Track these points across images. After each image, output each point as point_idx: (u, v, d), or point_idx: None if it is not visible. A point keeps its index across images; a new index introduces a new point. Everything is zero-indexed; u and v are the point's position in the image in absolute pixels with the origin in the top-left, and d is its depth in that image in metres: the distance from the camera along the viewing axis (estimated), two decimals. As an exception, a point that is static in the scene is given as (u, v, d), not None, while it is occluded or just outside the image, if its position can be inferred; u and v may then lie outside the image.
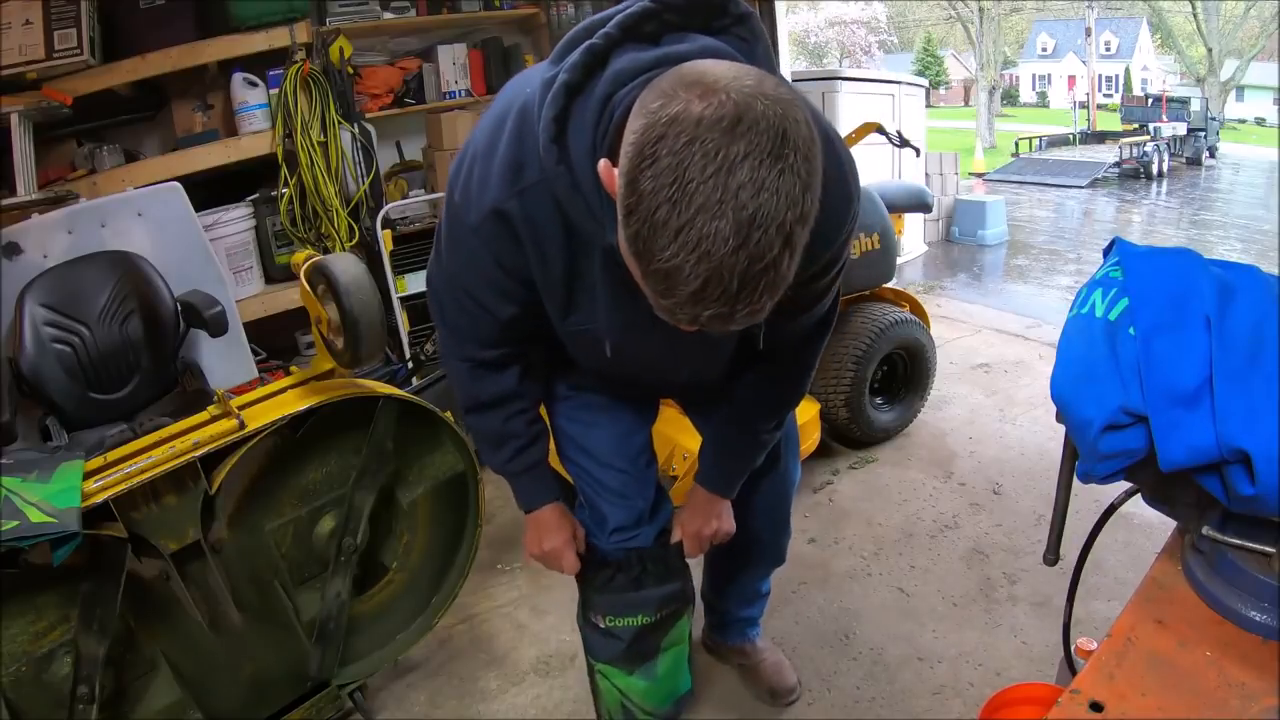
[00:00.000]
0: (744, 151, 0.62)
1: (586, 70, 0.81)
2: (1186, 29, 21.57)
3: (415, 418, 1.65)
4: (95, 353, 2.15)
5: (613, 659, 1.35)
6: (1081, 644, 0.96)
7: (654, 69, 0.77)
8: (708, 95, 0.64)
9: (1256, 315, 0.69)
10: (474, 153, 0.97)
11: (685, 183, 0.62)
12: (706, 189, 0.62)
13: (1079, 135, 17.65)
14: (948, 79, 30.20)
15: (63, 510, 1.20)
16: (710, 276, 0.64)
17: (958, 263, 6.29)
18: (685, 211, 0.62)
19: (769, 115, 0.63)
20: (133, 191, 2.66)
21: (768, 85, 0.66)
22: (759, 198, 0.62)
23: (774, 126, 0.63)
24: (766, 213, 0.62)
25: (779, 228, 0.63)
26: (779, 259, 0.65)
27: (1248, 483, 0.65)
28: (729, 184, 0.61)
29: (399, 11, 3.43)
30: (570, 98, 0.81)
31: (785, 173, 0.63)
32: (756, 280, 0.65)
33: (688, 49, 0.79)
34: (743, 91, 0.64)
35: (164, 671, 1.48)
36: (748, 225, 0.62)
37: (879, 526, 2.35)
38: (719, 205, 0.62)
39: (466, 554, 1.82)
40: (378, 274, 3.12)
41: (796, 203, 0.64)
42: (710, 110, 0.63)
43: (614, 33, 0.81)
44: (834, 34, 26.13)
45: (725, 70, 0.67)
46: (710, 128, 0.62)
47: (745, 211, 0.62)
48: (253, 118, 3.22)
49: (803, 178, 0.64)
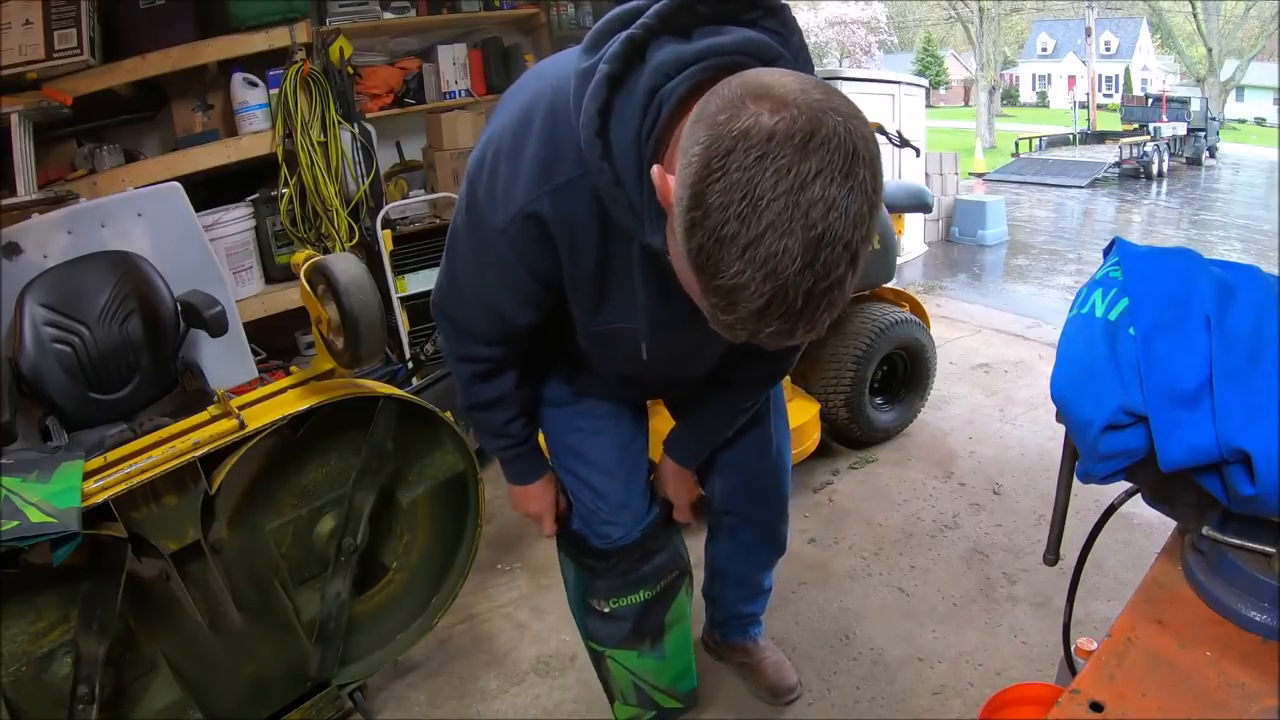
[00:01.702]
0: (816, 169, 0.61)
1: (626, 61, 0.79)
2: (1186, 29, 21.57)
3: (415, 418, 1.65)
4: (95, 353, 2.15)
5: (621, 641, 1.36)
6: (1081, 644, 0.96)
7: (698, 62, 0.77)
8: (779, 109, 0.62)
9: (1256, 315, 0.69)
10: (497, 149, 0.93)
11: (756, 199, 0.61)
12: (777, 206, 0.61)
13: (1079, 135, 17.64)
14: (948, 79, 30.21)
15: (63, 510, 1.20)
16: (775, 294, 0.63)
17: (958, 263, 6.29)
18: (754, 228, 0.61)
19: (840, 132, 0.62)
20: (133, 191, 2.66)
21: (836, 99, 0.65)
22: (829, 216, 0.61)
23: (845, 143, 0.62)
24: (835, 231, 0.62)
25: (845, 246, 0.62)
26: (844, 276, 0.64)
27: (1248, 483, 0.65)
28: (800, 201, 0.60)
29: (399, 11, 3.43)
30: (613, 90, 0.79)
31: (854, 190, 0.62)
32: (820, 299, 0.64)
33: (729, 41, 0.78)
34: (813, 106, 0.63)
35: (164, 671, 1.48)
36: (816, 244, 0.61)
37: (879, 526, 2.35)
38: (789, 223, 0.61)
39: (466, 554, 1.82)
40: (378, 274, 3.12)
41: (864, 220, 0.63)
42: (783, 125, 0.61)
43: (652, 23, 0.80)
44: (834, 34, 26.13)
45: (792, 82, 0.66)
46: (783, 143, 0.61)
47: (814, 230, 0.61)
48: (253, 118, 3.22)
49: (869, 195, 0.63)
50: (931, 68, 28.18)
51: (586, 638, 1.43)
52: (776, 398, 1.46)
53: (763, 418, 1.43)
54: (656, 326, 1.01)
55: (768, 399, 1.43)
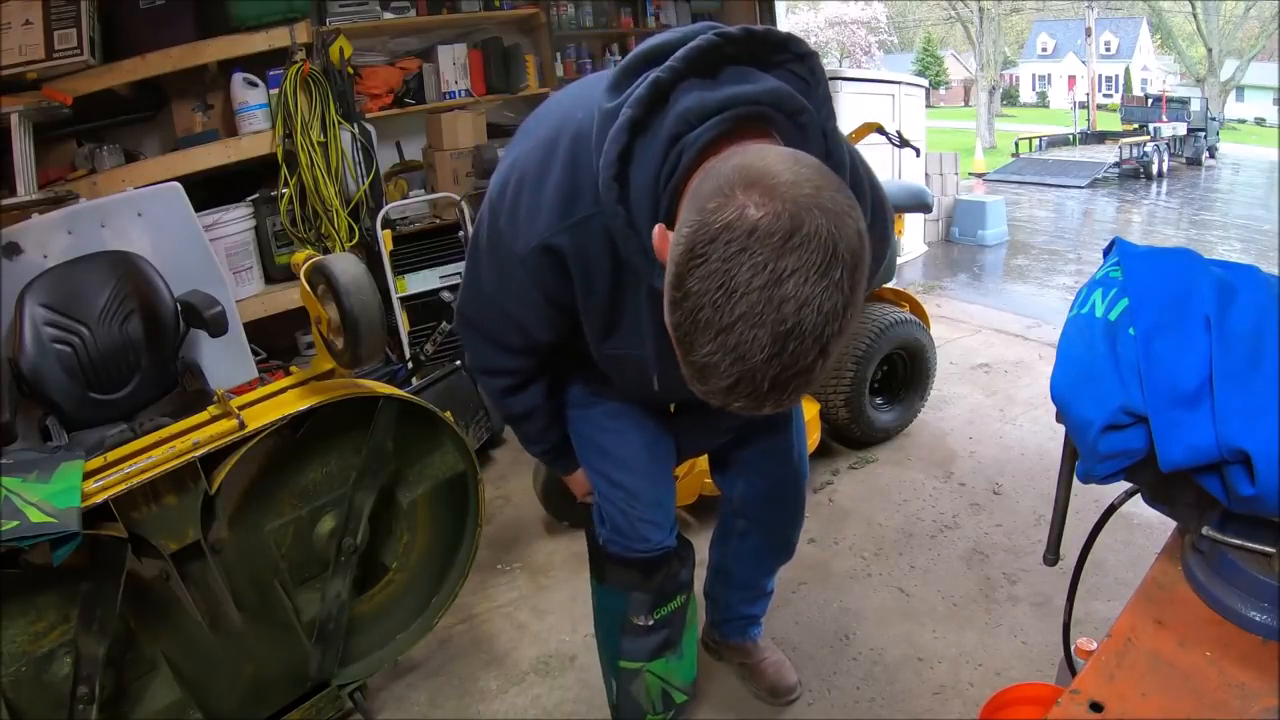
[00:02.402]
0: (793, 267, 0.62)
1: (650, 105, 0.81)
2: (1186, 29, 21.57)
3: (415, 418, 1.65)
4: (95, 353, 2.15)
5: (659, 650, 1.38)
6: (1081, 644, 0.96)
7: (721, 111, 0.78)
8: (766, 202, 0.64)
9: (1256, 315, 0.69)
10: (520, 178, 0.96)
11: (731, 290, 0.63)
12: (751, 299, 0.62)
13: (1079, 135, 17.64)
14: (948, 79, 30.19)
15: (63, 510, 1.20)
16: (743, 377, 0.65)
17: (958, 263, 6.29)
18: (728, 317, 0.63)
19: (822, 230, 0.63)
20: (133, 191, 2.66)
21: (825, 194, 0.65)
22: (800, 312, 0.62)
23: (825, 243, 0.63)
24: (805, 327, 0.63)
25: (815, 339, 0.64)
26: (812, 365, 0.65)
27: (1248, 483, 0.65)
28: (774, 296, 0.62)
29: (399, 11, 3.43)
30: (634, 134, 0.81)
31: (830, 288, 0.63)
32: (787, 384, 0.66)
33: (754, 91, 0.79)
34: (799, 202, 0.64)
35: (164, 671, 1.48)
36: (785, 337, 0.63)
37: (879, 526, 2.35)
38: (760, 316, 0.63)
39: (466, 554, 1.82)
40: (378, 274, 3.12)
41: (837, 317, 0.64)
42: (766, 220, 0.63)
43: (680, 66, 0.81)
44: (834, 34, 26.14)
45: (786, 170, 0.67)
46: (763, 239, 0.62)
47: (785, 325, 0.63)
48: (253, 118, 3.22)
49: (846, 292, 0.64)
50: (931, 68, 28.17)
51: (620, 660, 1.41)
52: (796, 410, 1.47)
53: (786, 426, 1.44)
54: (664, 359, 1.02)
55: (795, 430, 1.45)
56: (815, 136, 0.83)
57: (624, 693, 1.43)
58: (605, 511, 1.33)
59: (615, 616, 1.39)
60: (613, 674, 1.44)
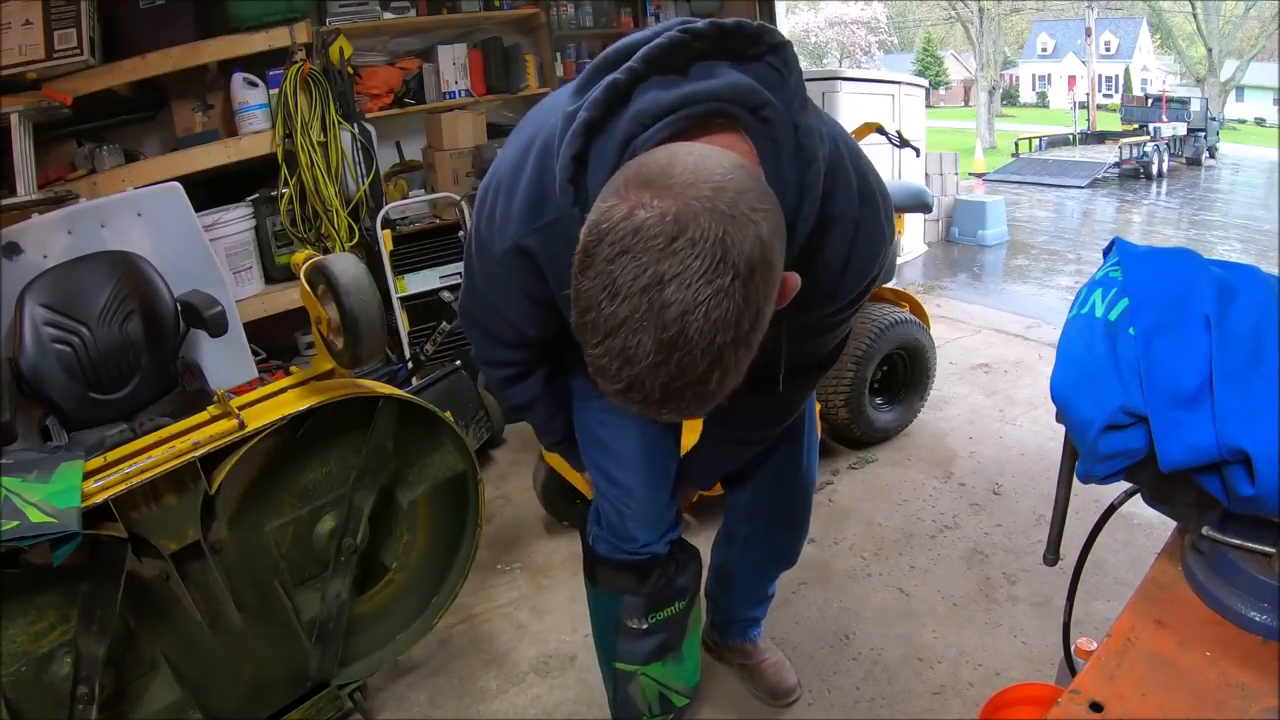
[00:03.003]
0: (674, 272, 0.60)
1: (607, 107, 0.79)
2: (1186, 29, 21.57)
3: (415, 418, 1.65)
4: (95, 353, 2.15)
5: (653, 655, 1.37)
6: (1081, 644, 0.96)
7: (676, 110, 0.76)
8: (654, 203, 0.62)
9: (1256, 315, 0.69)
10: (498, 184, 0.98)
11: (615, 292, 0.61)
12: (633, 303, 0.61)
13: (1079, 135, 17.64)
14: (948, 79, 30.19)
15: (63, 510, 1.20)
16: (633, 383, 0.64)
17: (958, 263, 6.29)
18: (612, 320, 0.62)
19: (710, 235, 0.61)
20: (133, 191, 2.66)
21: (725, 196, 0.63)
22: (683, 320, 0.60)
23: (713, 248, 0.60)
24: (690, 336, 0.61)
25: (705, 351, 0.61)
26: (706, 376, 0.63)
27: (1248, 483, 0.65)
28: (654, 301, 0.60)
29: (399, 11, 3.43)
30: (590, 136, 0.80)
31: (719, 296, 0.61)
32: (680, 394, 0.64)
33: (711, 87, 0.78)
34: (690, 204, 0.61)
35: (164, 671, 1.48)
36: (669, 346, 0.61)
37: (879, 526, 2.35)
38: (642, 320, 0.61)
39: (466, 554, 1.82)
40: (378, 274, 3.12)
41: (729, 327, 0.62)
42: (651, 221, 0.61)
43: (638, 67, 0.79)
44: (834, 34, 26.15)
45: (688, 170, 0.64)
46: (645, 241, 0.61)
47: (667, 333, 0.61)
48: (253, 118, 3.22)
49: (738, 301, 0.61)
50: (931, 68, 28.16)
51: (616, 661, 1.41)
52: (809, 417, 1.47)
53: (798, 436, 1.44)
54: None
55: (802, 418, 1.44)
56: (783, 130, 0.80)
57: (621, 693, 1.43)
58: (601, 509, 1.34)
59: (609, 618, 1.39)
60: (609, 675, 1.44)
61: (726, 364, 0.64)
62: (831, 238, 0.92)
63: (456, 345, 2.94)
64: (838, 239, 0.93)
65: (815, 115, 0.85)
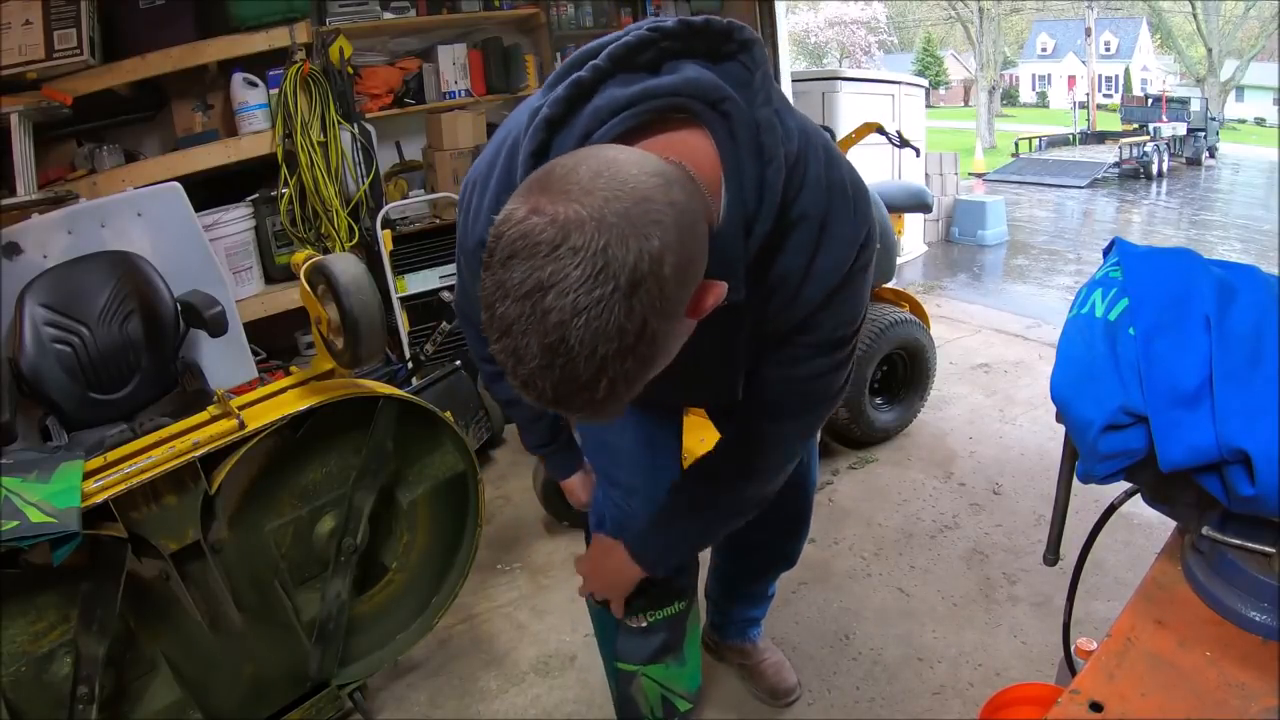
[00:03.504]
0: (553, 280, 0.60)
1: (570, 104, 0.80)
2: (1186, 29, 21.57)
3: (415, 418, 1.65)
4: (95, 353, 2.15)
5: (655, 655, 1.36)
6: (1081, 644, 0.96)
7: (632, 106, 0.77)
8: (545, 208, 0.62)
9: (1256, 315, 0.69)
10: (473, 181, 0.99)
11: (505, 295, 0.62)
12: (519, 307, 0.61)
13: (1079, 135, 17.64)
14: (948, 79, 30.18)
15: (63, 510, 1.20)
16: (526, 381, 0.64)
17: (958, 263, 6.29)
18: (504, 320, 0.63)
19: (592, 245, 0.61)
20: (133, 191, 2.66)
21: (618, 205, 0.62)
22: (564, 328, 0.61)
23: (592, 258, 0.60)
24: (570, 343, 0.61)
25: (587, 359, 0.62)
26: (592, 384, 0.63)
27: (1248, 483, 0.65)
28: (536, 307, 0.61)
29: (399, 11, 3.43)
30: (551, 133, 0.81)
31: (600, 306, 0.61)
32: (572, 398, 0.65)
33: (668, 83, 0.78)
34: (579, 211, 0.61)
35: (164, 671, 1.48)
36: (551, 351, 0.62)
37: (879, 526, 2.35)
38: (527, 324, 0.61)
39: (466, 554, 1.82)
40: (378, 274, 3.11)
41: (610, 338, 0.62)
42: (539, 227, 0.61)
43: (603, 64, 0.80)
44: (834, 34, 26.14)
45: (593, 173, 0.64)
46: (531, 247, 0.61)
47: (549, 338, 0.61)
48: (253, 118, 3.22)
49: (618, 314, 0.61)
50: (931, 68, 28.16)
51: (617, 661, 1.41)
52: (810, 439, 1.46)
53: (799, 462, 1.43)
54: None
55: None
56: (743, 126, 0.79)
57: (623, 694, 1.43)
58: (605, 511, 1.33)
59: (609, 616, 1.38)
60: (612, 674, 1.44)
61: (613, 374, 0.63)
62: (793, 240, 0.88)
63: (456, 345, 2.94)
64: (800, 241, 0.88)
65: (786, 113, 0.84)
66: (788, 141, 0.82)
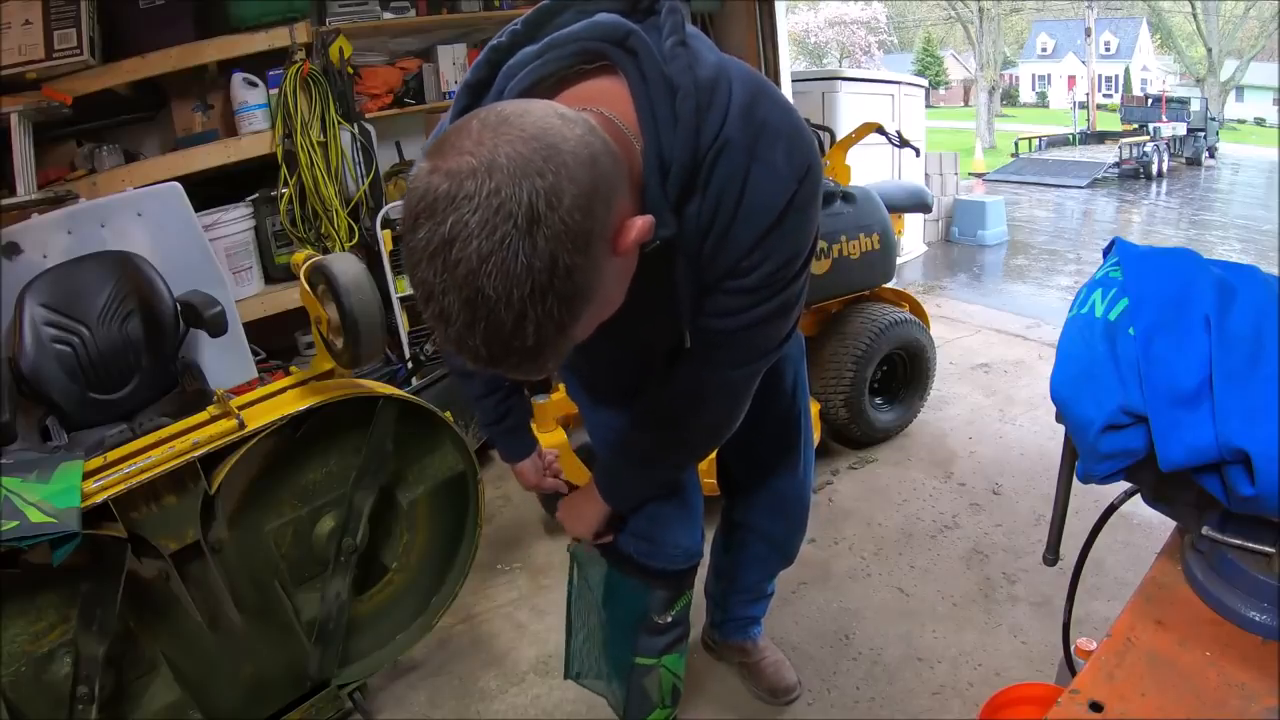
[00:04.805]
0: (454, 232, 0.61)
1: (490, 68, 0.82)
2: (1186, 29, 21.59)
3: (415, 418, 1.65)
4: (95, 353, 2.15)
5: (669, 645, 1.38)
6: (1081, 644, 0.96)
7: (538, 59, 0.79)
8: (438, 166, 0.63)
9: (1256, 315, 0.69)
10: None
11: (418, 261, 0.63)
12: (430, 268, 0.62)
13: (1079, 135, 17.65)
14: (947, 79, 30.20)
15: (63, 510, 1.20)
16: (459, 343, 0.65)
17: (957, 263, 6.29)
18: (426, 286, 0.63)
19: (482, 189, 0.61)
20: (133, 191, 2.65)
21: (508, 148, 0.62)
22: (475, 277, 0.61)
23: (485, 201, 0.61)
24: (487, 292, 0.61)
25: (506, 305, 0.62)
26: (518, 332, 0.64)
27: (1248, 483, 0.65)
28: (445, 263, 0.61)
29: (399, 11, 3.42)
30: (473, 97, 0.83)
31: (502, 247, 0.61)
32: (504, 353, 0.65)
33: (569, 31, 0.80)
34: (471, 160, 0.62)
35: (164, 671, 1.48)
36: (471, 306, 0.62)
37: (879, 526, 2.35)
38: (444, 283, 0.62)
39: (466, 554, 1.82)
40: (378, 274, 3.12)
41: (523, 279, 0.62)
42: (434, 185, 0.62)
43: (519, 29, 0.83)
44: (834, 34, 26.16)
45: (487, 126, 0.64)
46: (430, 206, 0.62)
47: (464, 292, 0.61)
48: (252, 118, 3.22)
49: (525, 254, 0.61)
50: (931, 68, 28.18)
51: (635, 656, 1.39)
52: (805, 426, 1.46)
53: (794, 439, 1.44)
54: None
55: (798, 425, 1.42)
56: (650, 63, 0.79)
57: (636, 686, 1.42)
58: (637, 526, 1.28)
59: (633, 614, 1.37)
60: (624, 671, 1.43)
61: (537, 317, 0.63)
62: (719, 171, 0.83)
63: (456, 345, 2.93)
64: (726, 173, 0.83)
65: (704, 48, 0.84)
66: (699, 69, 0.81)
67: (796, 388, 1.40)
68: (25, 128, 2.60)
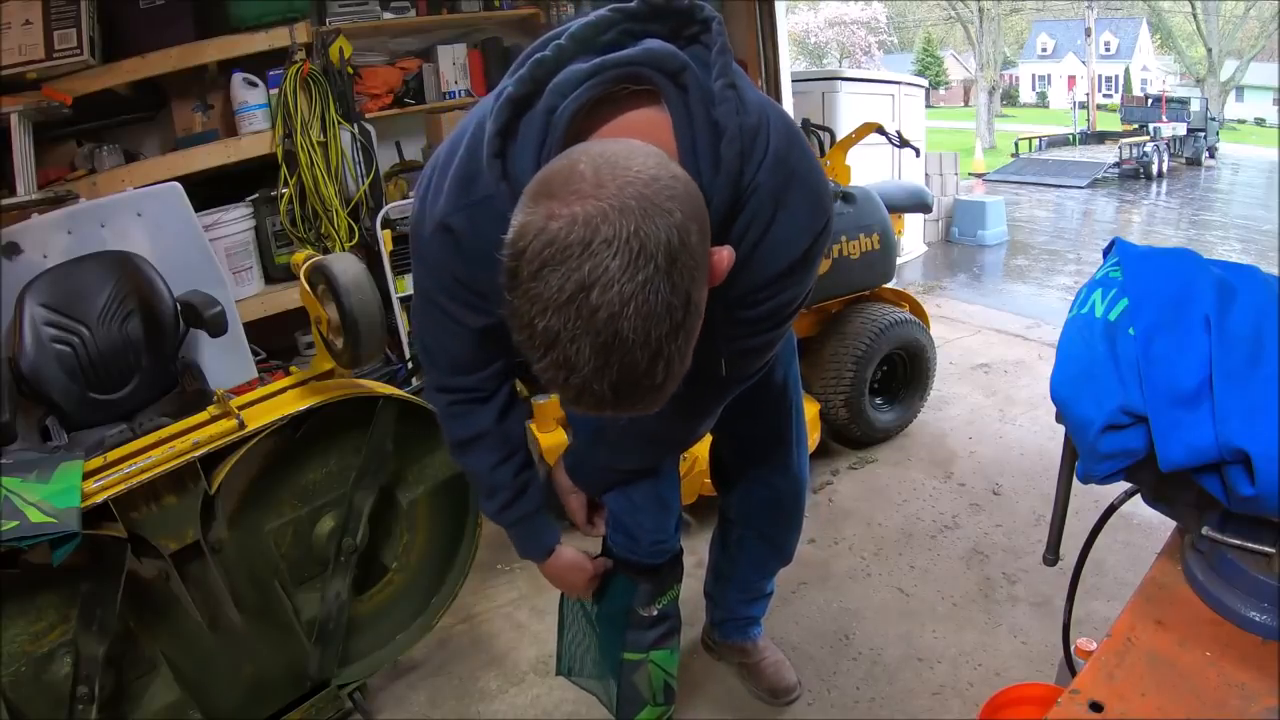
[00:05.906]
0: (594, 276, 0.60)
1: (534, 83, 0.80)
2: (1186, 29, 21.58)
3: (415, 418, 1.65)
4: (95, 353, 2.15)
5: (658, 640, 1.39)
6: (1081, 644, 0.96)
7: (591, 78, 0.77)
8: (561, 210, 0.62)
9: (1256, 315, 0.69)
10: (435, 164, 0.97)
11: (544, 309, 0.62)
12: (564, 315, 0.61)
13: (1079, 135, 17.66)
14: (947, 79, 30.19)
15: (63, 510, 1.20)
16: (582, 390, 0.64)
17: (957, 263, 6.29)
18: (548, 335, 0.62)
19: (623, 232, 0.61)
20: (132, 191, 2.65)
21: (631, 190, 0.63)
22: (615, 323, 0.61)
23: (628, 244, 0.61)
24: (625, 335, 0.61)
25: (643, 346, 0.62)
26: (651, 371, 0.64)
27: (1247, 483, 0.65)
28: (582, 308, 0.61)
29: (399, 11, 3.43)
30: (516, 112, 0.81)
31: (644, 290, 0.61)
32: (629, 393, 0.65)
33: (629, 53, 0.79)
34: (598, 205, 0.61)
35: (164, 671, 1.48)
36: (606, 350, 0.62)
37: (879, 526, 2.35)
38: (575, 330, 0.61)
39: (466, 554, 1.82)
40: (378, 274, 3.11)
41: (662, 318, 0.62)
42: (562, 231, 0.61)
43: (566, 44, 0.81)
44: (834, 34, 26.14)
45: (594, 169, 0.64)
46: (561, 251, 0.61)
47: (601, 337, 0.61)
48: (252, 118, 3.22)
49: (664, 292, 0.62)
50: (931, 68, 28.17)
51: (625, 651, 1.41)
52: (798, 422, 1.46)
53: (785, 436, 1.44)
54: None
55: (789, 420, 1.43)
56: (699, 99, 0.80)
57: (625, 683, 1.43)
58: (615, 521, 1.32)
59: (619, 607, 1.39)
60: (614, 667, 1.44)
61: (669, 354, 0.64)
62: (747, 211, 0.86)
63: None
64: (753, 213, 0.86)
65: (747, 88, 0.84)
66: (745, 114, 0.82)
67: (787, 380, 1.40)
68: (25, 128, 2.60)
